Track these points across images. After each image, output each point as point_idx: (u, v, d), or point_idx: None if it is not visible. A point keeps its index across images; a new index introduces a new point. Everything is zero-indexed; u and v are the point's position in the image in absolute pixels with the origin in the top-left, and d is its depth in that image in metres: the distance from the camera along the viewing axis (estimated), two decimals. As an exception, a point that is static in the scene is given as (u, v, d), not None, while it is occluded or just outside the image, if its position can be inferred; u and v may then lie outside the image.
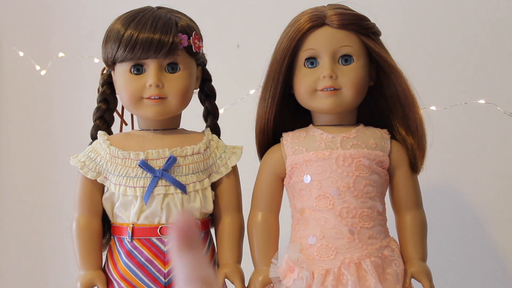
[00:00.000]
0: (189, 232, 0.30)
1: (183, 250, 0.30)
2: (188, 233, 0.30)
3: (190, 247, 0.30)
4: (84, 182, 0.99)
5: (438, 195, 1.39)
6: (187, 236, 0.30)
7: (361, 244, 0.95)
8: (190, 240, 0.30)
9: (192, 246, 0.30)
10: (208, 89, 1.07)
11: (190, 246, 0.30)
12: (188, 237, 0.30)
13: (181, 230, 0.30)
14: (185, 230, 0.30)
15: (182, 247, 0.30)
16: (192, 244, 0.30)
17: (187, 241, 0.30)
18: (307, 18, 0.97)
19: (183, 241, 0.30)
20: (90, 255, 0.98)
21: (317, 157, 0.97)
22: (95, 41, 1.09)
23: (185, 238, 0.30)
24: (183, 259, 0.30)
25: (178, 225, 0.30)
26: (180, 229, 0.30)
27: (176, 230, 0.30)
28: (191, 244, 0.30)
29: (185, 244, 0.30)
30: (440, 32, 1.40)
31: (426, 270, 0.98)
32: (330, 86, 0.96)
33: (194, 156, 0.99)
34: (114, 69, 1.00)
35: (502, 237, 1.36)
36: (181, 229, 0.30)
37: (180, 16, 0.99)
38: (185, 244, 0.30)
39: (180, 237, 0.30)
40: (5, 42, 1.76)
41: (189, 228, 0.30)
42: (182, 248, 0.30)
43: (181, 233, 0.30)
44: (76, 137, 1.29)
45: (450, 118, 1.33)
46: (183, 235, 0.30)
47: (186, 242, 0.30)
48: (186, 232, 0.30)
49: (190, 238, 0.30)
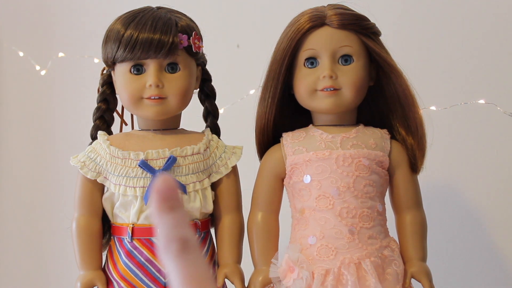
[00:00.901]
0: (169, 194, 0.30)
1: (163, 211, 0.30)
2: (168, 194, 0.30)
3: (170, 208, 0.30)
4: (84, 182, 0.99)
5: (438, 195, 1.39)
6: (167, 198, 0.30)
7: (361, 244, 0.95)
8: (170, 201, 0.30)
9: (172, 208, 0.30)
10: (208, 89, 1.07)
11: (170, 207, 0.30)
12: (168, 199, 0.30)
13: (161, 192, 0.30)
14: (165, 192, 0.30)
15: (161, 208, 0.30)
16: (172, 205, 0.30)
17: (167, 202, 0.30)
18: (307, 18, 0.97)
19: (163, 202, 0.30)
20: (90, 255, 0.98)
21: (317, 157, 0.97)
22: (95, 41, 1.09)
23: (165, 200, 0.30)
24: (163, 219, 0.30)
25: (158, 187, 0.30)
26: (160, 190, 0.30)
27: (156, 192, 0.30)
28: (171, 206, 0.30)
29: (165, 205, 0.30)
30: (440, 32, 1.40)
31: (426, 270, 0.98)
32: (330, 86, 0.96)
33: (194, 156, 0.99)
34: (114, 69, 1.00)
35: (502, 237, 1.36)
36: (161, 191, 0.30)
37: (180, 16, 0.99)
38: (165, 205, 0.30)
39: (160, 198, 0.30)
40: (5, 42, 1.76)
41: (169, 190, 0.30)
42: (161, 209, 0.30)
43: (161, 194, 0.30)
44: (76, 137, 1.28)
45: (450, 118, 1.33)
46: (163, 196, 0.30)
47: (166, 203, 0.30)
48: (166, 193, 0.30)
49: (170, 199, 0.30)
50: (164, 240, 0.31)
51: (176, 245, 0.31)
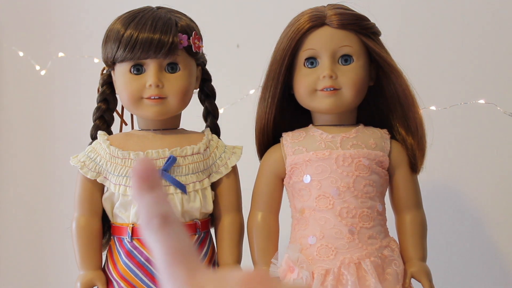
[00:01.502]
0: (147, 174, 0.31)
1: (143, 191, 0.31)
2: (146, 175, 0.31)
3: (149, 188, 0.31)
4: (84, 182, 0.99)
5: (438, 195, 1.39)
6: (145, 178, 0.31)
7: (361, 244, 0.95)
8: (148, 181, 0.31)
9: (151, 187, 0.31)
10: (208, 89, 1.07)
11: (149, 187, 0.31)
12: (146, 179, 0.31)
13: (140, 173, 0.31)
14: (144, 173, 0.31)
15: (141, 188, 0.31)
16: (151, 185, 0.31)
17: (146, 183, 0.31)
18: (307, 18, 0.97)
19: (142, 182, 0.31)
20: (90, 255, 0.98)
21: (317, 157, 0.97)
22: (95, 41, 1.09)
23: (144, 180, 0.31)
24: (143, 199, 0.31)
25: (136, 168, 0.31)
26: (138, 172, 0.31)
27: (135, 173, 0.31)
28: (150, 185, 0.31)
29: (144, 185, 0.31)
30: (440, 32, 1.40)
31: (426, 270, 0.98)
32: (330, 86, 0.96)
33: (194, 156, 0.98)
34: (114, 69, 1.00)
35: (502, 237, 1.36)
36: (140, 172, 0.31)
37: (180, 16, 0.99)
38: (144, 185, 0.31)
39: (139, 179, 0.31)
40: (5, 42, 1.76)
41: (148, 170, 0.31)
42: (141, 189, 0.31)
43: (140, 175, 0.31)
44: (76, 137, 1.28)
45: (450, 118, 1.33)
46: (142, 177, 0.31)
47: (145, 183, 0.31)
48: (145, 174, 0.31)
49: (148, 179, 0.31)
50: (145, 217, 0.32)
51: (157, 220, 0.32)
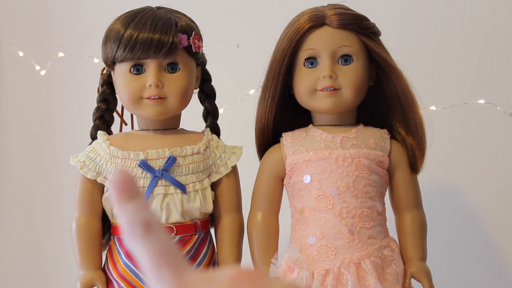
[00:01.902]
0: (125, 186, 0.32)
1: (123, 202, 0.32)
2: (125, 186, 0.32)
3: (129, 198, 0.32)
4: (84, 182, 0.99)
5: (438, 195, 1.39)
6: (124, 189, 0.32)
7: (360, 244, 0.95)
8: (127, 192, 0.32)
9: (131, 197, 0.32)
10: (208, 89, 1.07)
11: (129, 197, 0.32)
12: (125, 190, 0.32)
13: (118, 185, 0.32)
14: (122, 184, 0.32)
15: (121, 199, 0.32)
16: (130, 195, 0.32)
17: (125, 193, 0.32)
18: (307, 18, 0.97)
19: (121, 194, 0.32)
20: (90, 255, 0.98)
21: (317, 157, 0.97)
22: (95, 41, 1.09)
23: (122, 191, 0.32)
24: (124, 209, 0.32)
25: (114, 181, 0.32)
26: (116, 184, 0.32)
27: (113, 186, 0.32)
28: (129, 196, 0.32)
29: (123, 196, 0.32)
30: (440, 32, 1.40)
31: (426, 270, 0.98)
32: (330, 86, 0.96)
33: (194, 156, 0.98)
34: (114, 69, 0.99)
35: (502, 237, 1.36)
36: (118, 184, 0.32)
37: (180, 16, 0.99)
38: (123, 196, 0.32)
39: (118, 191, 0.32)
40: (5, 42, 1.76)
41: (126, 182, 0.32)
42: (121, 201, 0.32)
43: (118, 187, 0.32)
44: (76, 137, 1.28)
45: (450, 118, 1.33)
46: (120, 189, 0.32)
47: (124, 195, 0.32)
48: (123, 185, 0.32)
49: (127, 190, 0.32)
50: (128, 225, 0.32)
51: (140, 227, 0.32)
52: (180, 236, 0.96)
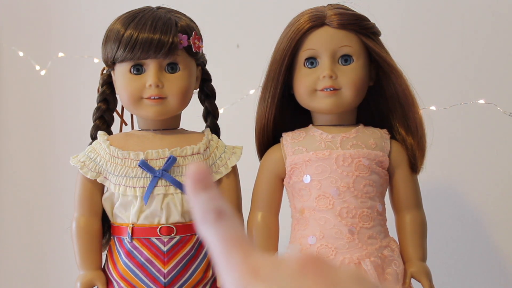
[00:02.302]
0: (200, 177, 0.34)
1: (197, 192, 0.33)
2: (199, 177, 0.34)
3: (203, 189, 0.34)
4: (84, 182, 0.99)
5: (438, 195, 1.39)
6: (199, 180, 0.33)
7: (360, 244, 0.95)
8: (202, 183, 0.34)
9: (205, 188, 0.34)
10: (208, 89, 1.07)
11: (203, 188, 0.34)
12: (200, 181, 0.33)
13: (193, 175, 0.33)
14: (197, 175, 0.33)
15: (195, 189, 0.33)
16: (204, 186, 0.34)
17: (199, 184, 0.33)
18: (307, 18, 0.97)
19: (196, 184, 0.33)
20: (90, 255, 0.98)
21: (317, 157, 0.97)
22: (95, 41, 1.09)
23: (197, 182, 0.33)
24: (197, 199, 0.33)
25: (190, 172, 0.34)
26: (192, 175, 0.33)
27: (189, 177, 0.34)
28: (203, 186, 0.34)
29: (198, 186, 0.33)
30: (440, 32, 1.40)
31: (426, 270, 0.98)
32: (330, 86, 0.96)
33: (194, 156, 0.98)
34: (114, 69, 0.99)
35: (502, 237, 1.36)
36: (193, 175, 0.33)
37: (180, 16, 0.99)
38: (197, 187, 0.33)
39: (193, 181, 0.33)
40: (5, 42, 1.76)
41: (201, 173, 0.34)
42: (195, 191, 0.33)
43: (193, 178, 0.33)
44: (76, 137, 1.29)
45: (450, 118, 1.33)
46: (195, 179, 0.33)
47: (198, 185, 0.33)
48: (198, 176, 0.33)
49: (202, 181, 0.34)
50: (201, 213, 0.34)
51: (212, 214, 0.34)
52: (180, 236, 0.96)
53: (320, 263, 0.33)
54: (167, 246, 0.96)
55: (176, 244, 0.96)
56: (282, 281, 0.32)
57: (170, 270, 0.96)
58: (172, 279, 0.95)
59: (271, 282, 0.32)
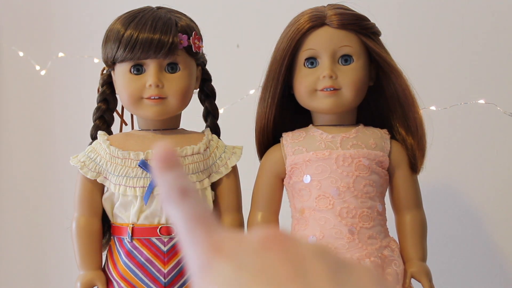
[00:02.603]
0: (167, 156, 0.34)
1: (163, 171, 0.34)
2: (166, 157, 0.34)
3: (169, 168, 0.35)
4: (84, 182, 0.99)
5: (438, 195, 1.39)
6: (165, 159, 0.34)
7: (360, 244, 0.95)
8: (168, 162, 0.34)
9: (171, 167, 0.35)
10: (208, 89, 1.07)
11: (169, 167, 0.35)
12: (166, 160, 0.34)
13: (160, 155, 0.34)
14: (163, 155, 0.34)
15: (161, 168, 0.34)
16: (170, 165, 0.35)
17: (166, 163, 0.34)
18: (307, 18, 0.97)
19: (162, 163, 0.34)
20: (90, 255, 0.98)
21: (317, 157, 0.97)
22: (95, 41, 1.09)
23: (163, 161, 0.34)
24: (163, 177, 0.34)
25: (156, 151, 0.34)
26: (159, 154, 0.34)
27: (156, 156, 0.34)
28: (169, 165, 0.35)
29: (164, 165, 0.34)
30: (440, 32, 1.40)
31: (426, 270, 0.98)
32: (330, 86, 0.96)
33: (194, 156, 0.99)
34: (114, 69, 0.99)
35: (502, 237, 1.36)
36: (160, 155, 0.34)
37: (180, 16, 0.99)
38: (164, 166, 0.34)
39: (160, 160, 0.34)
40: (5, 42, 1.76)
41: (167, 153, 0.34)
42: (161, 170, 0.34)
43: (160, 157, 0.34)
44: (76, 137, 1.29)
45: (450, 118, 1.33)
46: (162, 158, 0.34)
47: (165, 164, 0.34)
48: (164, 156, 0.34)
49: (168, 160, 0.34)
50: (165, 192, 0.35)
51: (176, 193, 0.35)
52: (180, 236, 0.96)
53: (282, 238, 0.33)
54: (167, 246, 0.96)
55: (176, 244, 0.96)
56: (245, 257, 0.32)
57: (170, 270, 0.96)
58: (172, 279, 0.95)
59: (234, 257, 0.32)
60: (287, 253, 0.32)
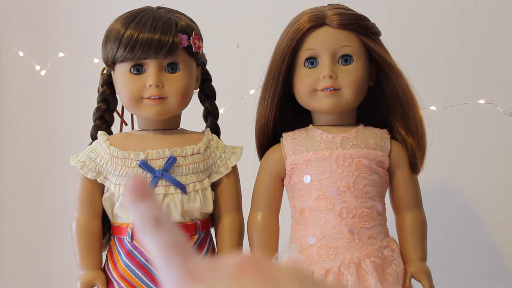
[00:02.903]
0: (139, 187, 0.35)
1: (135, 201, 0.35)
2: (137, 187, 0.35)
3: (141, 198, 0.36)
4: (84, 182, 0.99)
5: (438, 195, 1.39)
6: (137, 190, 0.34)
7: (361, 244, 0.95)
8: (140, 192, 0.35)
9: (143, 197, 0.36)
10: (208, 89, 1.07)
11: (141, 197, 0.36)
12: (138, 191, 0.35)
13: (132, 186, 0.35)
14: (135, 186, 0.35)
15: (134, 199, 0.35)
16: (142, 195, 0.36)
17: (138, 194, 0.35)
18: (307, 18, 0.97)
19: (135, 194, 0.34)
20: (90, 255, 0.98)
21: (317, 157, 0.97)
22: (95, 41, 1.09)
23: (136, 192, 0.34)
24: (136, 207, 0.35)
25: (128, 183, 0.35)
26: (130, 186, 0.35)
27: (128, 188, 0.34)
28: (141, 196, 0.36)
29: (137, 196, 0.35)
30: (440, 32, 1.40)
31: (426, 270, 0.98)
32: (330, 86, 0.96)
33: (194, 156, 0.99)
34: (114, 69, 1.00)
35: (502, 237, 1.36)
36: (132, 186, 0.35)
37: (180, 16, 0.99)
38: (136, 197, 0.35)
39: (132, 191, 0.34)
40: (5, 42, 1.76)
41: (139, 183, 0.35)
42: (134, 200, 0.35)
43: (132, 188, 0.34)
44: (76, 137, 1.28)
45: (450, 118, 1.33)
46: (133, 189, 0.34)
47: (137, 195, 0.35)
48: (136, 187, 0.35)
49: (140, 191, 0.35)
50: (140, 221, 0.35)
51: (150, 222, 0.35)
52: (180, 236, 0.96)
53: (257, 262, 0.33)
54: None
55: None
56: (220, 282, 0.32)
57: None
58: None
59: (209, 283, 0.32)
60: (262, 277, 0.32)
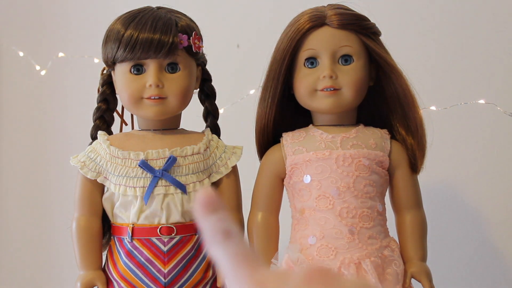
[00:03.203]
0: (208, 201, 0.36)
1: (205, 215, 0.37)
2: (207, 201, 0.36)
3: (211, 212, 0.37)
4: (84, 182, 0.99)
5: (438, 195, 1.39)
6: (207, 204, 0.37)
7: (361, 244, 0.95)
8: (210, 206, 0.37)
9: (213, 211, 0.37)
10: (208, 89, 1.07)
11: (211, 211, 0.37)
12: (208, 205, 0.37)
13: (202, 200, 0.36)
14: (205, 200, 0.36)
15: (204, 213, 0.37)
16: (212, 210, 0.37)
17: (208, 208, 0.37)
18: (307, 18, 0.97)
19: (205, 208, 0.37)
20: (90, 255, 0.98)
21: (317, 157, 0.97)
22: (95, 41, 1.09)
23: (205, 206, 0.37)
24: (207, 221, 0.37)
25: (199, 197, 0.36)
26: (201, 200, 0.36)
27: (198, 202, 0.36)
28: (211, 210, 0.37)
29: (207, 210, 0.37)
30: (440, 32, 1.40)
31: (426, 270, 0.98)
32: (330, 86, 0.96)
33: (194, 156, 0.99)
34: (114, 69, 1.00)
35: (502, 237, 1.36)
36: (202, 200, 0.36)
37: (180, 16, 0.99)
38: (206, 211, 0.37)
39: (202, 206, 0.36)
40: (5, 42, 1.76)
41: (209, 197, 0.36)
42: (204, 214, 0.37)
43: (202, 202, 0.36)
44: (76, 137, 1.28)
45: (450, 118, 1.33)
46: (204, 204, 0.36)
47: (207, 209, 0.37)
48: (206, 201, 0.36)
49: (210, 205, 0.37)
50: (210, 234, 0.37)
51: (220, 235, 0.37)
52: (180, 236, 0.96)
53: (325, 273, 0.34)
54: (167, 246, 0.96)
55: (176, 244, 0.96)
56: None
57: (170, 270, 0.96)
58: (172, 279, 0.95)
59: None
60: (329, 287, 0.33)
